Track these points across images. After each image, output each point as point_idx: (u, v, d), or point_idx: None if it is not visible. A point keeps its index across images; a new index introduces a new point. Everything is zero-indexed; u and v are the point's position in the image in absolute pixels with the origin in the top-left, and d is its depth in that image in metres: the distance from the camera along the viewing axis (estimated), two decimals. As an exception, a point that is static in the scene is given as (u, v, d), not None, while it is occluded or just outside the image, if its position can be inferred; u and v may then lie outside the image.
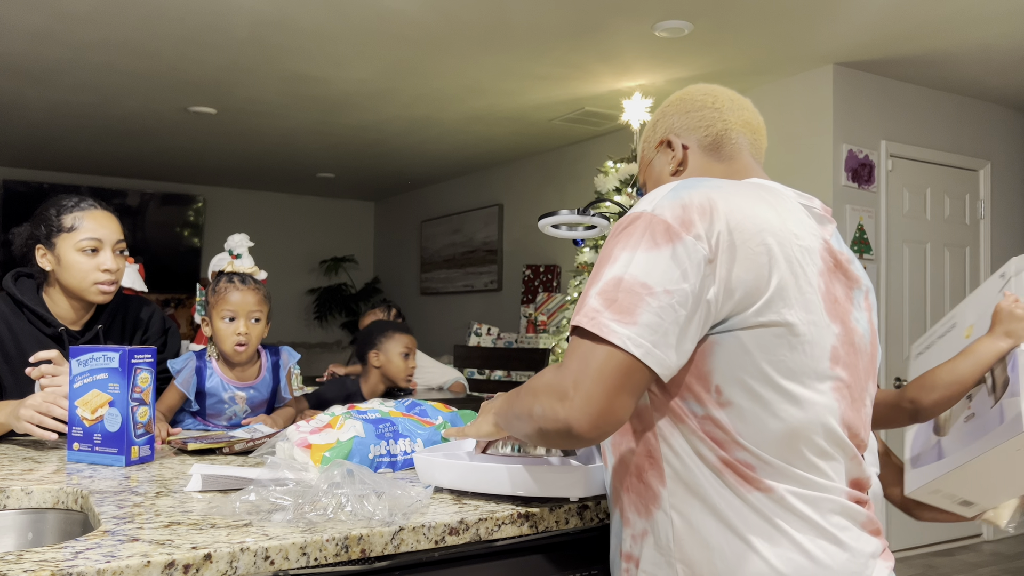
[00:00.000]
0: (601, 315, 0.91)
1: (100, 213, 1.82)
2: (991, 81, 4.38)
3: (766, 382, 0.95)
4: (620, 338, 0.90)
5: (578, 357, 0.92)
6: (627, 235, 0.96)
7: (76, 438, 1.47)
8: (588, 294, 0.95)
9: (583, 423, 0.90)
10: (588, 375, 0.90)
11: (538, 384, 0.97)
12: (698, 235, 0.93)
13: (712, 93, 1.17)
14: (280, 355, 2.08)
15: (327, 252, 8.76)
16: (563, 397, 0.91)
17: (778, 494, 0.95)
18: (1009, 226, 4.91)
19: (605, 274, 0.94)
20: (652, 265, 0.92)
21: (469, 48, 3.97)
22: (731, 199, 0.97)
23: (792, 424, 0.95)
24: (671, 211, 0.95)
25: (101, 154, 6.58)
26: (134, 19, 3.62)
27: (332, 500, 1.05)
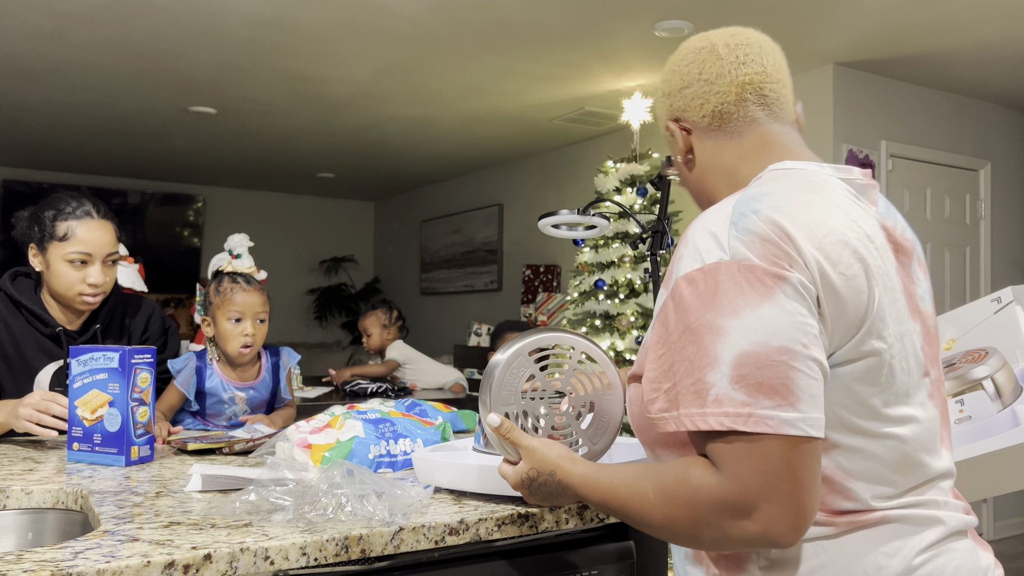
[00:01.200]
0: (754, 409, 0.76)
1: (95, 223, 1.78)
2: (991, 81, 4.38)
3: (871, 415, 0.84)
4: (794, 426, 0.76)
5: (746, 462, 0.77)
6: (716, 295, 0.80)
7: (76, 438, 1.47)
8: (708, 382, 0.79)
9: (789, 534, 0.77)
10: (776, 476, 0.76)
11: (697, 505, 0.80)
12: (797, 268, 0.80)
13: (698, 59, 1.00)
14: (280, 356, 2.08)
15: (327, 252, 8.76)
16: (748, 513, 0.77)
17: (892, 520, 0.85)
18: (1009, 226, 4.91)
19: (722, 353, 0.78)
20: (771, 322, 0.78)
21: (469, 48, 3.97)
22: (798, 215, 0.83)
23: (904, 450, 0.86)
24: (751, 249, 0.80)
25: (101, 154, 6.58)
26: (134, 19, 3.62)
27: (332, 500, 1.05)
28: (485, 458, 1.23)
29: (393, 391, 3.48)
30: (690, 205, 4.97)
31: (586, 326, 4.26)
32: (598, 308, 4.21)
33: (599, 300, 4.22)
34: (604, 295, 4.21)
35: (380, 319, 4.01)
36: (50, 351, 1.81)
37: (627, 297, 4.17)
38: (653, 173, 4.31)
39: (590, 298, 4.27)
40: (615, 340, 4.10)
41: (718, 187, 1.01)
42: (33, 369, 1.80)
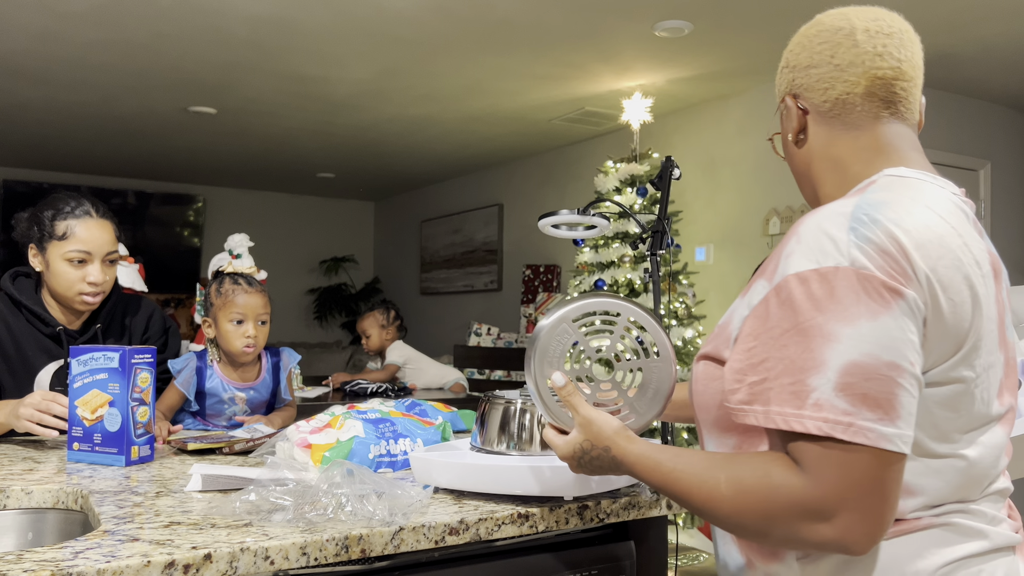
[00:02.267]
0: (856, 419, 0.76)
1: (95, 222, 1.79)
2: (991, 81, 4.38)
3: (946, 439, 0.84)
4: (893, 441, 0.76)
5: (835, 469, 0.77)
6: (832, 300, 0.78)
7: (76, 438, 1.47)
8: (810, 385, 0.78)
9: (864, 543, 0.77)
10: (863, 487, 0.76)
11: (774, 506, 0.80)
12: (912, 285, 0.79)
13: (832, 40, 0.97)
14: (280, 356, 2.08)
15: (327, 252, 8.76)
16: (827, 518, 0.77)
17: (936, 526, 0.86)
18: (1009, 226, 4.91)
19: (830, 358, 0.77)
20: (885, 335, 0.77)
21: (469, 48, 3.97)
22: (913, 229, 0.82)
23: (969, 473, 0.86)
24: (872, 260, 0.79)
25: (101, 154, 6.58)
26: (134, 19, 3.62)
27: (332, 500, 1.05)
28: (484, 457, 1.23)
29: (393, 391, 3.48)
30: (690, 205, 4.97)
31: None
32: (598, 308, 4.20)
33: (599, 300, 4.21)
34: (604, 295, 4.20)
35: (378, 320, 4.01)
36: (50, 351, 1.81)
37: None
38: (653, 173, 4.31)
39: (590, 298, 4.27)
40: (615, 340, 4.10)
41: (824, 176, 0.98)
42: (33, 369, 1.80)
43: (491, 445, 1.25)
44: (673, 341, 4.04)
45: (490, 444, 1.25)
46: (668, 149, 5.15)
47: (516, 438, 1.23)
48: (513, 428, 1.23)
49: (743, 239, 4.68)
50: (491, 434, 1.25)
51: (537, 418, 1.22)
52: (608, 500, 1.19)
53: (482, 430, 1.27)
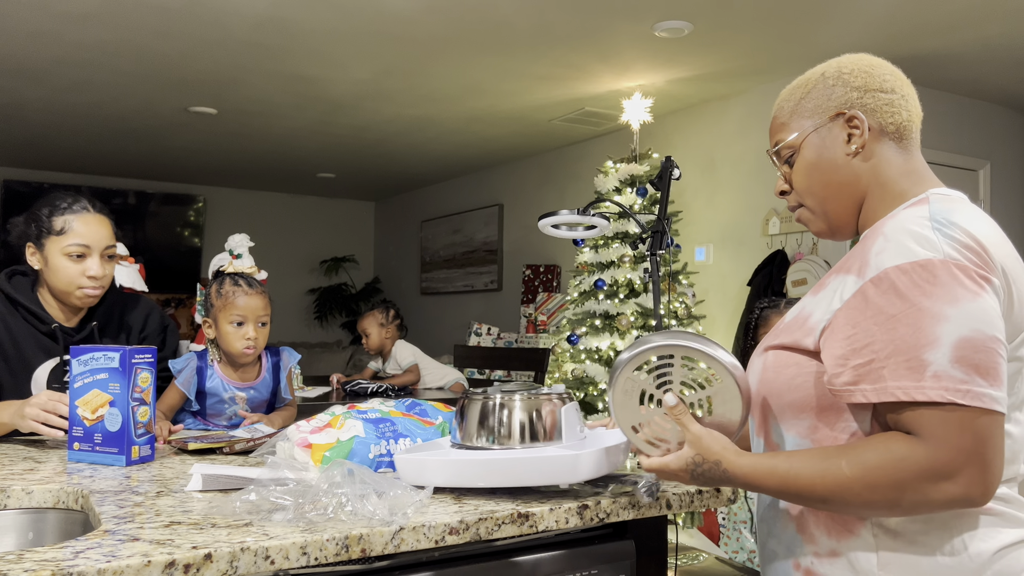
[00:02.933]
0: (972, 385, 0.87)
1: (92, 216, 1.80)
2: (991, 81, 4.38)
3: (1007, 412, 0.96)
4: (1000, 403, 0.88)
5: (957, 431, 0.87)
6: (935, 286, 0.89)
7: (76, 438, 1.47)
8: (927, 360, 0.88)
9: (985, 494, 0.88)
10: (983, 447, 0.87)
11: (904, 474, 0.89)
12: (997, 275, 0.92)
13: (895, 74, 1.10)
14: (280, 356, 2.08)
15: (327, 252, 8.77)
16: (952, 476, 0.88)
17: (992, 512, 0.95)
18: (1009, 226, 4.91)
19: (942, 335, 0.88)
20: (985, 314, 0.89)
21: (469, 49, 3.97)
22: (981, 229, 0.95)
23: (1012, 448, 0.97)
24: (961, 254, 0.91)
25: (101, 154, 6.58)
26: (134, 19, 3.62)
27: (332, 500, 1.05)
28: (471, 453, 1.23)
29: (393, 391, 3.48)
30: (690, 205, 4.97)
31: (586, 326, 4.26)
32: (598, 308, 4.21)
33: (599, 300, 4.22)
34: (604, 295, 4.21)
35: (377, 319, 4.01)
36: (48, 348, 1.82)
37: (627, 297, 4.17)
38: (653, 173, 4.31)
39: (590, 298, 4.27)
40: (615, 340, 4.11)
41: (873, 191, 1.07)
42: (31, 367, 1.80)
43: (470, 441, 1.25)
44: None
45: (469, 440, 1.25)
46: (668, 149, 5.15)
47: (495, 433, 1.23)
48: (492, 423, 1.23)
49: (743, 239, 4.68)
50: (470, 429, 1.25)
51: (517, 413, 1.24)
52: (608, 500, 1.19)
53: (461, 426, 1.27)
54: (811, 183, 1.10)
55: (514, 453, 1.21)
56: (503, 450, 1.22)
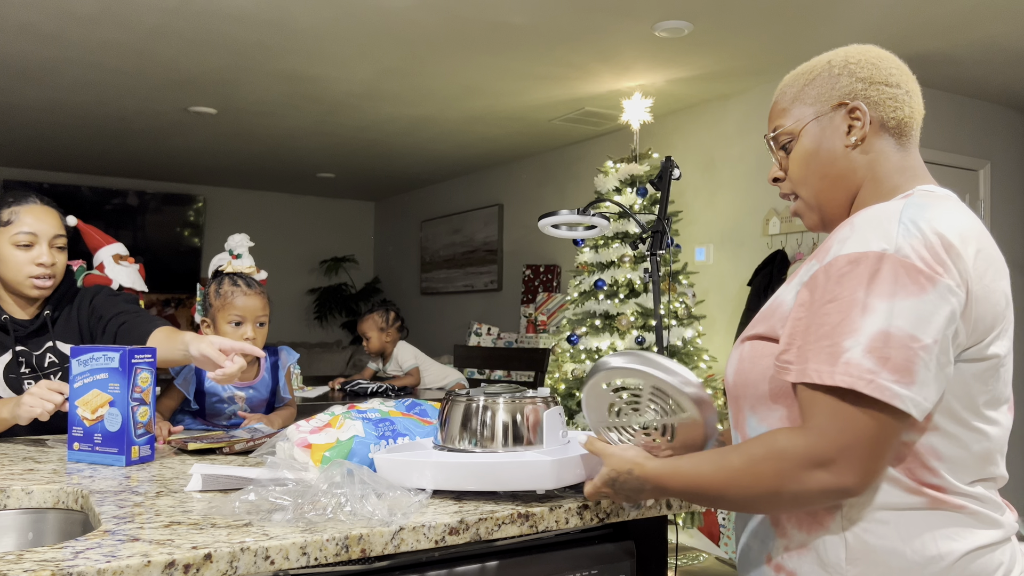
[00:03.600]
0: (878, 377, 0.87)
1: (39, 208, 1.84)
2: (991, 81, 4.39)
3: (972, 409, 0.95)
4: (903, 401, 0.87)
5: (845, 421, 0.88)
6: (874, 279, 0.90)
7: (76, 438, 1.47)
8: (843, 347, 0.89)
9: (857, 488, 0.89)
10: (865, 443, 0.88)
11: (784, 463, 0.91)
12: (952, 276, 0.90)
13: (900, 68, 1.08)
14: (279, 355, 2.08)
15: (327, 252, 8.77)
16: (826, 464, 0.88)
17: (966, 511, 0.95)
18: (1009, 226, 4.91)
19: (864, 326, 0.89)
20: (916, 315, 0.88)
21: (469, 48, 3.97)
22: (956, 228, 0.94)
23: (987, 447, 0.97)
24: (915, 252, 0.90)
25: (101, 154, 6.58)
26: (135, 19, 3.63)
27: (332, 500, 1.05)
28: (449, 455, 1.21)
29: (393, 391, 3.48)
30: (690, 205, 4.97)
31: (586, 326, 4.26)
32: (598, 308, 4.21)
33: (599, 300, 4.22)
34: (604, 295, 4.21)
35: (377, 322, 4.00)
36: (2, 342, 1.83)
37: (627, 297, 4.17)
38: (653, 173, 4.31)
39: (590, 298, 4.27)
40: (615, 340, 4.11)
41: (867, 184, 1.07)
42: None
43: (452, 443, 1.23)
44: (673, 341, 4.04)
45: (451, 442, 1.23)
46: (668, 149, 5.15)
47: (476, 435, 1.22)
48: (475, 425, 1.22)
49: (743, 239, 4.68)
50: (452, 432, 1.24)
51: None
52: (608, 499, 1.19)
53: (443, 428, 1.25)
54: (807, 172, 1.09)
55: (487, 457, 1.19)
56: (482, 453, 1.21)
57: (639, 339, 4.01)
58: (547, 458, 1.14)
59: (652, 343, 4.04)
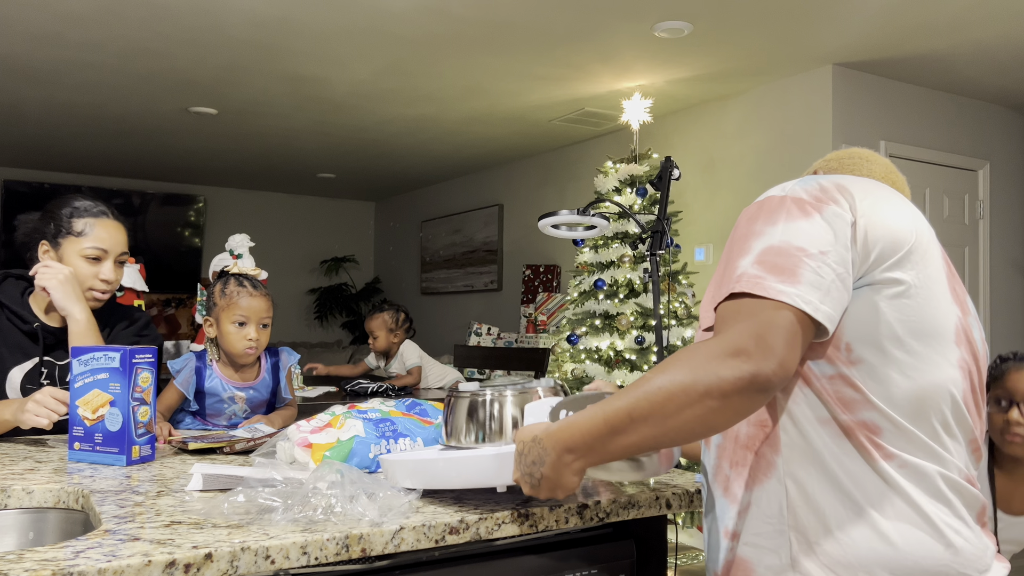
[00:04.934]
0: (764, 279, 0.93)
1: (111, 223, 1.84)
2: (990, 81, 4.39)
3: (894, 340, 0.97)
4: (789, 296, 0.91)
5: (746, 317, 0.92)
6: (767, 213, 0.99)
7: (77, 438, 1.48)
8: (738, 265, 0.96)
9: (773, 371, 0.89)
10: (767, 329, 0.90)
11: (695, 358, 0.91)
12: (840, 204, 0.98)
13: (867, 157, 1.28)
14: (279, 356, 2.08)
15: (327, 252, 8.77)
16: (740, 354, 0.89)
17: (901, 460, 0.95)
18: (1008, 226, 4.91)
19: (754, 247, 0.97)
20: (802, 231, 0.95)
21: (469, 49, 3.97)
22: (862, 184, 1.02)
23: (922, 384, 0.96)
24: (806, 192, 0.99)
25: (102, 154, 6.58)
26: (135, 20, 3.63)
27: (322, 501, 1.05)
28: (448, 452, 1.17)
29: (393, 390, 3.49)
30: (690, 205, 4.97)
31: (586, 326, 4.26)
32: (598, 308, 4.21)
33: (599, 300, 4.22)
34: (604, 295, 4.21)
35: (387, 323, 3.98)
36: (26, 349, 1.82)
37: (627, 297, 4.17)
38: (653, 173, 4.31)
39: (590, 298, 4.28)
40: (615, 340, 4.11)
41: None
42: (7, 367, 1.81)
43: (458, 440, 1.18)
44: (673, 341, 4.04)
45: (456, 439, 1.18)
46: (668, 149, 5.15)
47: (486, 429, 1.16)
48: (482, 418, 1.16)
49: (743, 239, 4.68)
50: (457, 428, 1.18)
51: (506, 410, 1.16)
52: (608, 499, 1.19)
53: (446, 425, 1.21)
54: None
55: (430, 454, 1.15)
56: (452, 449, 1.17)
57: (639, 339, 4.01)
58: (488, 452, 1.09)
59: (652, 343, 4.04)
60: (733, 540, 1.04)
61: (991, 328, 4.77)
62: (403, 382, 3.75)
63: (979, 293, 4.76)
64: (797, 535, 0.97)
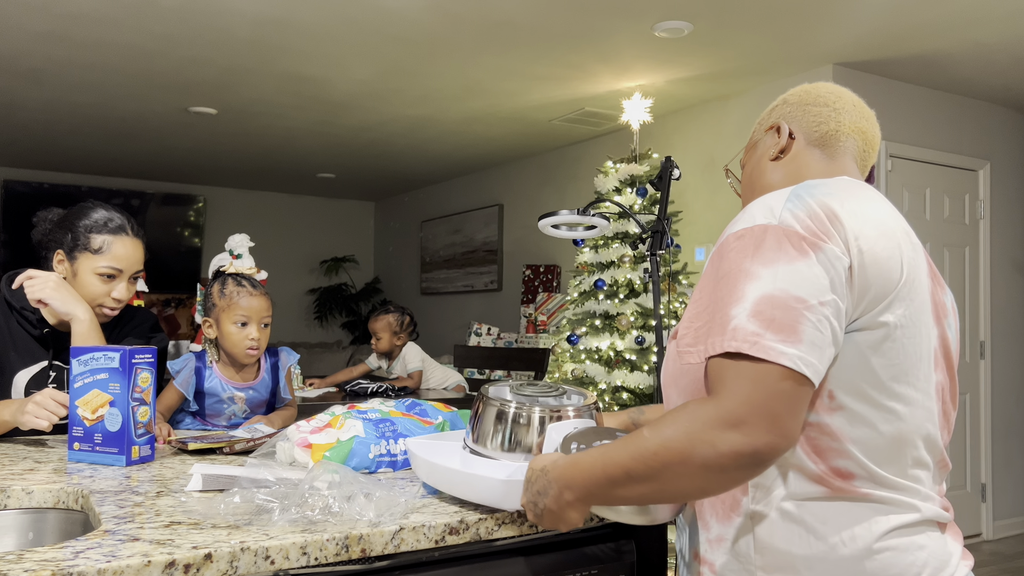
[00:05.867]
0: (763, 338, 0.87)
1: (129, 240, 1.81)
2: (991, 81, 4.39)
3: (877, 385, 0.94)
4: (791, 359, 0.86)
5: (745, 383, 0.87)
6: (758, 249, 0.92)
7: (77, 438, 1.47)
8: (731, 315, 0.90)
9: (776, 444, 0.86)
10: (769, 399, 0.86)
11: (693, 423, 0.88)
12: (835, 243, 0.92)
13: (836, 93, 1.18)
14: (279, 356, 2.08)
15: (327, 252, 8.77)
16: (737, 425, 0.85)
17: (871, 498, 0.94)
18: (1009, 226, 4.91)
19: (748, 292, 0.90)
20: (800, 277, 0.89)
21: (469, 48, 3.97)
22: (848, 203, 0.96)
23: (900, 429, 0.95)
24: (798, 221, 0.93)
25: (101, 154, 6.58)
26: (134, 19, 3.63)
27: (319, 501, 1.05)
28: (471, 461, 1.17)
29: (393, 391, 3.48)
30: (690, 205, 4.97)
31: (586, 326, 4.26)
32: (598, 308, 4.21)
33: (599, 300, 4.22)
34: (604, 295, 4.21)
35: (391, 325, 3.98)
36: (35, 353, 1.82)
37: (627, 297, 4.17)
38: (653, 173, 4.31)
39: (590, 298, 4.27)
40: (615, 340, 4.11)
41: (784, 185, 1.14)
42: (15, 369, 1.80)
43: (483, 445, 1.17)
44: (673, 341, 4.03)
45: (482, 444, 1.18)
46: (668, 149, 5.15)
47: (510, 441, 1.15)
48: (508, 429, 1.16)
49: (743, 239, 4.67)
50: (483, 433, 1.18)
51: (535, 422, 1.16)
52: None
53: (473, 427, 1.20)
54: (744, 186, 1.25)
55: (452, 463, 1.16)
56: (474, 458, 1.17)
57: (639, 339, 4.01)
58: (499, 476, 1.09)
59: (652, 343, 4.04)
60: (702, 564, 1.04)
61: (991, 328, 4.77)
62: (403, 384, 3.75)
63: (979, 293, 4.76)
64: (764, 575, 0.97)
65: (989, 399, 4.73)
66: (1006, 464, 4.82)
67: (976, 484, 4.68)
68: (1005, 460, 4.82)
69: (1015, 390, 4.90)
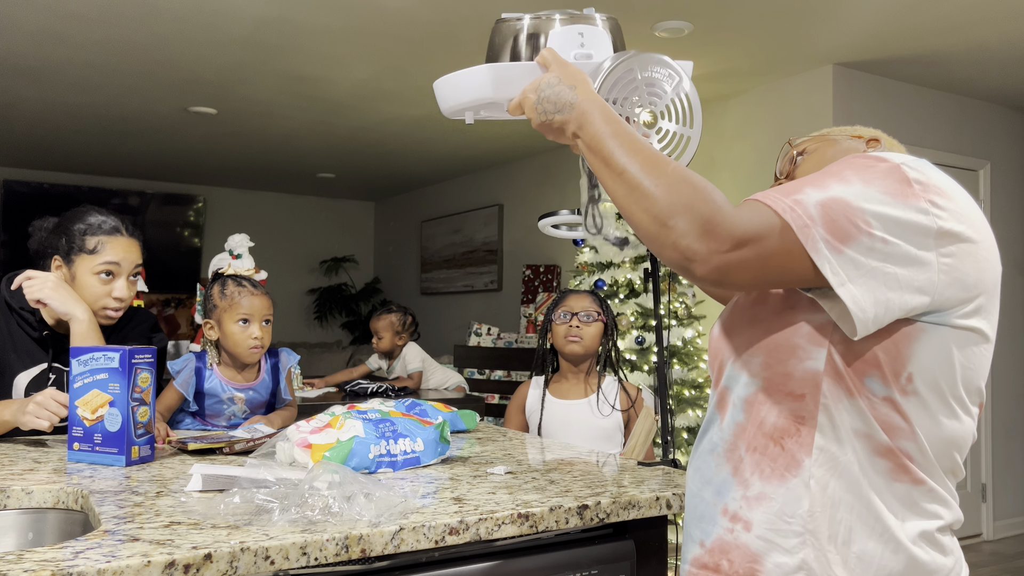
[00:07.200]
0: (814, 226, 0.86)
1: (124, 240, 1.82)
2: (991, 81, 4.39)
3: (952, 387, 0.94)
4: (821, 258, 0.86)
5: (761, 224, 0.86)
6: (867, 168, 0.90)
7: (76, 438, 1.47)
8: (804, 191, 0.89)
9: (709, 274, 0.86)
10: (759, 246, 0.86)
11: (692, 196, 0.88)
12: (936, 205, 0.89)
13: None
14: (279, 356, 2.08)
15: (327, 252, 8.77)
16: (708, 234, 0.86)
17: (927, 487, 0.94)
18: (1009, 226, 4.91)
19: (832, 187, 0.88)
20: (884, 206, 0.87)
21: (469, 48, 3.97)
22: (954, 194, 0.93)
23: (956, 433, 0.96)
24: (917, 173, 0.90)
25: (101, 154, 6.58)
26: (134, 19, 3.63)
27: (319, 501, 1.05)
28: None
29: (393, 391, 3.48)
30: (690, 205, 4.97)
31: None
32: (598, 308, 4.20)
33: (599, 300, 4.22)
34: (604, 295, 4.21)
35: (393, 325, 3.97)
36: (35, 356, 1.82)
37: (627, 297, 4.17)
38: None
39: (590, 298, 4.27)
40: (615, 340, 4.10)
41: None
42: (15, 371, 1.80)
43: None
44: (673, 341, 4.04)
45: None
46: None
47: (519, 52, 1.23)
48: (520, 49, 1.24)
49: (743, 239, 4.68)
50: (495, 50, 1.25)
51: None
52: (608, 500, 1.19)
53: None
54: None
55: None
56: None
57: (639, 339, 4.01)
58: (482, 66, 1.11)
59: (652, 343, 4.04)
60: (734, 522, 1.00)
61: (991, 328, 4.77)
62: (402, 385, 3.75)
63: (979, 293, 4.76)
64: (815, 540, 0.94)
65: (989, 399, 4.73)
66: (1006, 464, 4.82)
67: (976, 484, 4.68)
68: (1005, 460, 4.82)
69: (1015, 390, 4.90)
